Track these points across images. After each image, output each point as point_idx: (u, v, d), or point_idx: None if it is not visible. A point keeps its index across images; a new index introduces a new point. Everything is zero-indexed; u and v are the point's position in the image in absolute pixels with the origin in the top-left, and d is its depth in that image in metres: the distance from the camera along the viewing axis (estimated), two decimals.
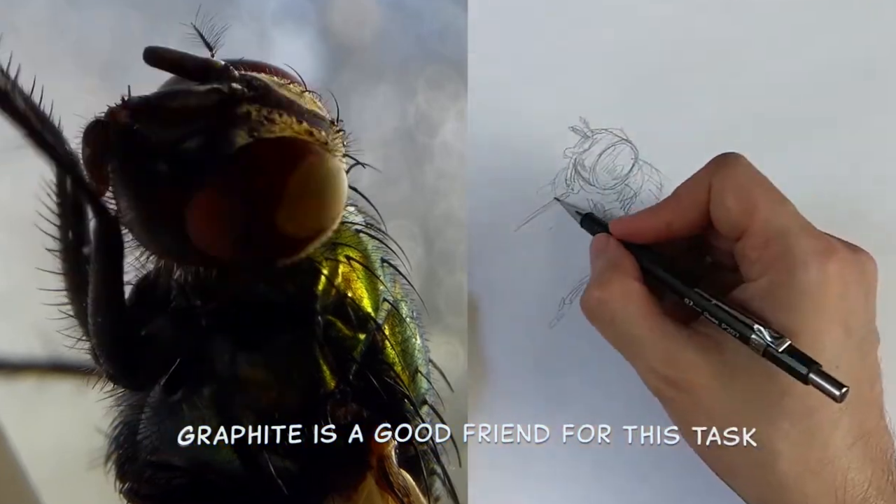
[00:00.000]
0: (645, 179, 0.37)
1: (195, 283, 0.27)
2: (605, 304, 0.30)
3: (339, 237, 0.29)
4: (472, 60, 0.37)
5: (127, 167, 0.25)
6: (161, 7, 0.40)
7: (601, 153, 0.37)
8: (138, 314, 0.28)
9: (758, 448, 0.27)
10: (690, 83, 0.36)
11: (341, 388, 0.29)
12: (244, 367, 0.28)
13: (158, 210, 0.25)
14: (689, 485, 0.36)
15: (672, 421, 0.30)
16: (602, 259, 0.32)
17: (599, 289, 0.30)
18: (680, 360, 0.28)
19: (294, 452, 0.28)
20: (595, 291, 0.30)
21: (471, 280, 0.37)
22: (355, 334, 0.29)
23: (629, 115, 0.37)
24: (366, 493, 0.29)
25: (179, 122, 0.24)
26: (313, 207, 0.26)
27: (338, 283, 0.29)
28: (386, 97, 0.43)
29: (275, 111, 0.25)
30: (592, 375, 0.36)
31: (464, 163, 0.37)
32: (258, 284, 0.27)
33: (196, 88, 0.25)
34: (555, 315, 0.37)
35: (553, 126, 0.37)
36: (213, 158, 0.24)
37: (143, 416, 0.29)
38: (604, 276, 0.30)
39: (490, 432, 0.36)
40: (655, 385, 0.29)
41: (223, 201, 0.24)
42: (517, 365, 0.37)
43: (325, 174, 0.26)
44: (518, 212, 0.37)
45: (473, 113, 0.37)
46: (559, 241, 0.37)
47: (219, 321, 0.28)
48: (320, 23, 0.44)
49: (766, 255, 0.27)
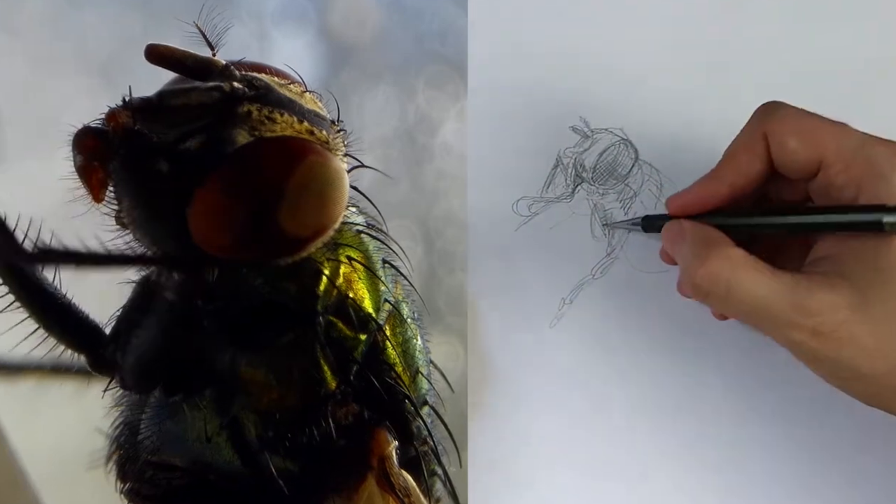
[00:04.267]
0: (645, 179, 0.37)
1: (196, 283, 0.27)
2: (716, 276, 0.29)
3: (340, 237, 0.29)
4: (472, 60, 0.37)
5: (128, 167, 0.25)
6: (161, 7, 0.40)
7: (601, 153, 0.37)
8: (139, 314, 0.28)
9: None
10: (691, 83, 0.36)
11: (342, 389, 0.29)
12: (245, 367, 0.28)
13: (160, 210, 0.25)
14: (691, 484, 0.36)
15: (819, 373, 0.29)
16: (688, 241, 0.31)
17: (703, 265, 0.29)
18: (814, 304, 0.27)
19: (295, 453, 0.28)
20: (699, 269, 0.29)
21: (471, 280, 0.37)
22: (356, 335, 0.29)
23: (629, 115, 0.37)
24: (366, 493, 0.29)
25: (181, 121, 0.24)
26: (314, 207, 0.26)
27: (339, 283, 0.29)
28: (386, 97, 0.43)
29: (276, 110, 0.25)
30: (592, 375, 0.36)
31: (464, 163, 0.37)
32: (259, 284, 0.27)
33: (197, 87, 0.24)
34: (555, 315, 0.37)
35: (553, 126, 0.37)
36: (215, 157, 0.24)
37: (144, 416, 0.29)
38: (701, 254, 0.29)
39: (490, 432, 0.36)
40: (795, 339, 0.28)
41: (224, 201, 0.24)
42: (517, 365, 0.37)
43: (326, 173, 0.26)
44: (518, 211, 0.37)
45: (473, 113, 0.37)
46: (559, 241, 0.37)
47: (220, 321, 0.28)
48: (320, 23, 0.44)
49: (852, 176, 0.28)
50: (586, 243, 0.37)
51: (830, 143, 0.28)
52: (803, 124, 0.29)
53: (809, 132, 0.29)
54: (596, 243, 0.37)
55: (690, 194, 0.32)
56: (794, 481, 0.35)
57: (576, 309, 0.37)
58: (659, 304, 0.36)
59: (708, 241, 0.30)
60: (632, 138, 0.37)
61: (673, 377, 0.36)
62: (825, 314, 0.27)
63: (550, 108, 0.37)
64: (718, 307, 0.30)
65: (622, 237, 0.37)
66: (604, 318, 0.35)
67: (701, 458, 0.35)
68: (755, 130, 0.30)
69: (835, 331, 0.27)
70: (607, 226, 0.37)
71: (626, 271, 0.37)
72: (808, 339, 0.27)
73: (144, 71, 0.25)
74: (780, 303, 0.28)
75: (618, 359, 0.36)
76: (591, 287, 0.37)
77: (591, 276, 0.37)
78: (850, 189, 0.28)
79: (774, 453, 0.35)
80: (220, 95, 0.24)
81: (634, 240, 0.37)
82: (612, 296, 0.37)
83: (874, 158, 0.28)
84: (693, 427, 0.36)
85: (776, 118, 0.29)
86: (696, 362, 0.36)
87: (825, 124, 0.29)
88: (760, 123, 0.30)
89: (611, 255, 0.37)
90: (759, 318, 0.29)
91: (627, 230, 0.36)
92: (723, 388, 0.36)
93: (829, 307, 0.27)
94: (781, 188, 0.32)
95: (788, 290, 0.27)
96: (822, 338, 0.27)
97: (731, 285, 0.28)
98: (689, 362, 0.36)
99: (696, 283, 0.29)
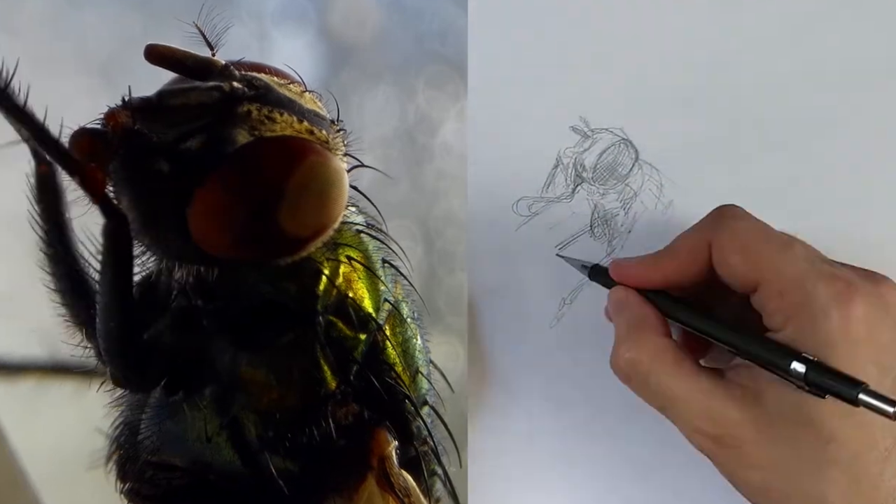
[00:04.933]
0: (646, 179, 0.37)
1: (196, 283, 0.27)
2: (638, 365, 0.29)
3: (340, 237, 0.29)
4: (472, 60, 0.37)
5: (128, 167, 0.25)
6: (161, 7, 0.40)
7: (601, 153, 0.37)
8: (140, 314, 0.28)
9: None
10: (692, 82, 0.36)
11: (342, 389, 0.29)
12: (245, 367, 0.28)
13: (160, 209, 0.25)
14: (690, 484, 0.36)
15: (722, 475, 0.28)
16: (625, 315, 0.30)
17: (629, 349, 0.29)
18: (721, 417, 0.27)
19: (295, 453, 0.28)
20: (625, 353, 0.29)
21: (471, 280, 0.37)
22: (356, 335, 0.29)
23: (630, 115, 0.36)
24: (367, 493, 0.29)
25: (180, 121, 0.24)
26: (314, 206, 0.26)
27: (339, 283, 0.29)
28: (386, 97, 0.43)
29: (275, 110, 0.25)
30: (592, 375, 0.36)
31: (464, 163, 0.37)
32: (259, 284, 0.27)
33: (197, 87, 0.24)
34: (555, 315, 0.37)
35: (553, 126, 0.37)
36: (214, 157, 0.24)
37: (144, 416, 0.29)
38: (631, 336, 0.29)
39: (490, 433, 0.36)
40: (700, 443, 0.28)
41: (224, 200, 0.24)
42: (517, 365, 0.37)
43: (326, 173, 0.26)
44: (518, 211, 0.37)
45: (473, 113, 0.37)
46: (559, 241, 0.37)
47: (220, 321, 0.28)
48: (320, 23, 0.44)
49: (784, 306, 0.27)
50: (586, 243, 0.37)
51: (771, 267, 0.27)
52: (748, 242, 0.28)
53: (752, 252, 0.28)
54: (596, 243, 0.37)
55: (632, 269, 0.31)
56: None
57: (576, 309, 0.37)
58: None
59: (642, 323, 0.30)
60: (632, 138, 0.37)
61: None
62: (731, 429, 0.27)
63: (550, 108, 0.37)
64: (638, 393, 0.30)
65: (622, 238, 0.37)
66: (604, 319, 0.35)
67: (701, 458, 0.35)
68: (701, 236, 0.29)
69: (738, 447, 0.27)
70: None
71: None
72: (712, 444, 0.28)
73: (144, 71, 0.25)
74: (692, 406, 0.28)
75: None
76: (591, 288, 0.37)
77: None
78: (779, 317, 0.27)
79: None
80: (219, 95, 0.24)
81: (634, 241, 0.36)
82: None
83: (812, 299, 0.26)
84: None
85: (723, 229, 0.28)
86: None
87: (771, 246, 0.28)
88: (708, 230, 0.29)
89: (611, 256, 0.36)
90: (671, 413, 0.29)
91: (579, 267, 0.35)
92: None
93: (736, 424, 0.27)
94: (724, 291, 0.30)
95: (703, 396, 0.27)
96: (724, 448, 0.27)
97: (650, 377, 0.28)
98: None
99: (620, 366, 0.29)
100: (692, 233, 0.30)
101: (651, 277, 0.31)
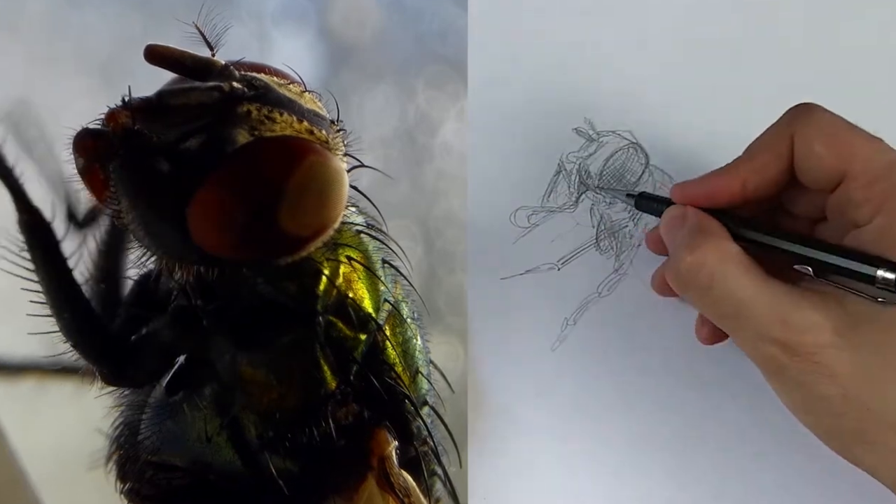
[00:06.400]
0: (657, 187, 0.34)
1: (196, 283, 0.27)
2: (700, 267, 0.27)
3: (340, 237, 0.29)
4: (471, 60, 0.37)
5: (128, 167, 0.25)
6: (161, 7, 0.40)
7: (608, 158, 0.35)
8: (139, 313, 0.28)
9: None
10: (705, 81, 0.35)
11: (342, 389, 0.29)
12: (245, 367, 0.28)
13: (160, 210, 0.25)
14: (692, 496, 0.35)
15: (781, 394, 0.27)
16: (687, 225, 0.29)
17: (691, 252, 0.27)
18: (797, 321, 0.25)
19: (295, 453, 0.28)
20: (686, 256, 0.27)
21: (470, 281, 0.37)
22: (356, 335, 0.29)
23: (639, 116, 0.34)
24: (367, 493, 0.29)
25: (180, 121, 0.24)
26: (314, 206, 0.26)
27: (339, 283, 0.29)
28: (386, 97, 0.43)
29: (275, 110, 0.25)
30: (597, 400, 0.35)
31: (464, 163, 0.37)
32: (259, 284, 0.27)
33: (197, 87, 0.24)
34: (557, 337, 0.35)
35: (555, 127, 0.36)
36: (214, 157, 0.24)
37: (144, 416, 0.29)
38: (695, 240, 0.28)
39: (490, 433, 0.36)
40: (767, 353, 0.26)
41: (224, 200, 0.24)
42: (518, 394, 0.36)
43: (326, 173, 0.26)
44: (517, 223, 0.36)
45: (473, 113, 0.37)
46: (561, 255, 0.35)
47: (220, 321, 0.28)
48: (320, 23, 0.44)
49: (875, 194, 0.26)
50: (592, 258, 0.35)
51: (859, 155, 0.26)
52: (835, 131, 0.27)
53: (839, 140, 0.27)
54: (602, 258, 0.35)
55: (699, 186, 0.30)
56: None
57: (580, 330, 0.35)
58: (672, 325, 0.34)
59: (705, 229, 0.28)
60: (642, 142, 0.35)
61: (685, 404, 0.34)
62: (807, 333, 0.25)
63: (552, 109, 0.36)
64: (697, 303, 0.28)
65: (631, 252, 0.34)
66: (610, 341, 0.33)
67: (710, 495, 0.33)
68: (783, 130, 0.28)
69: (813, 353, 0.25)
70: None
71: (636, 289, 0.34)
72: (782, 354, 0.26)
73: (144, 71, 0.25)
74: (762, 310, 0.26)
75: (619, 364, 0.35)
76: (598, 306, 0.35)
77: (596, 294, 0.35)
78: (867, 208, 0.26)
79: (794, 493, 0.33)
80: (219, 95, 0.24)
81: (644, 255, 0.34)
82: (620, 316, 0.34)
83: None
84: (705, 462, 0.34)
85: (807, 120, 0.28)
86: (711, 390, 0.34)
87: (858, 135, 0.27)
88: (790, 123, 0.28)
89: (619, 272, 0.35)
90: (735, 322, 0.27)
91: (619, 201, 0.33)
92: (737, 420, 0.33)
93: (814, 327, 0.25)
94: (796, 200, 0.30)
95: (775, 300, 0.26)
96: (797, 357, 0.25)
97: (716, 279, 0.27)
98: (703, 390, 0.34)
99: (680, 272, 0.28)
100: (771, 130, 0.29)
101: (727, 186, 0.29)
